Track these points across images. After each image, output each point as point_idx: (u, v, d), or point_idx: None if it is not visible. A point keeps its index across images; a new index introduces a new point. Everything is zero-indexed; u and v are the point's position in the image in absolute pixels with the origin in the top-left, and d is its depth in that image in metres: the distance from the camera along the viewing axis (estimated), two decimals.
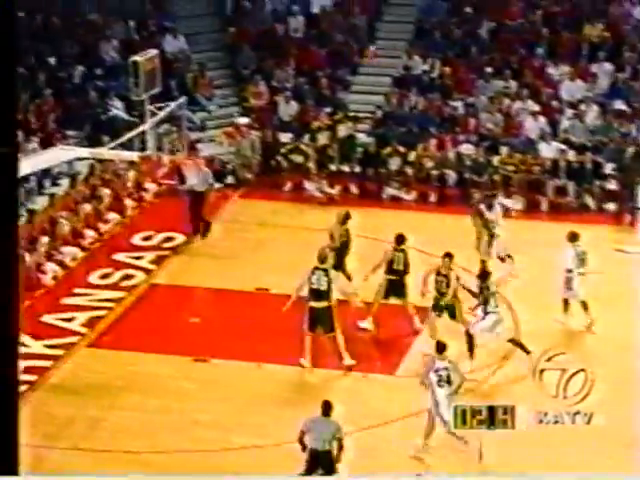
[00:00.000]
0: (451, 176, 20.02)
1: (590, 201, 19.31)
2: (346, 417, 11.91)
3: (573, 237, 15.21)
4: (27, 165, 17.42)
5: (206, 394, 13.74)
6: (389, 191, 20.01)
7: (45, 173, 19.43)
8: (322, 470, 11.23)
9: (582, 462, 11.97)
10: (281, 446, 12.39)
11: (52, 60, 22.14)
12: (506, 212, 18.90)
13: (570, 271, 15.04)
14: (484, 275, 14.22)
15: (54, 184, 19.65)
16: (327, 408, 11.36)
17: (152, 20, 23.24)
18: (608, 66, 21.58)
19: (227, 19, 23.83)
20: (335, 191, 20.00)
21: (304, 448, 11.29)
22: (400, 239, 15.09)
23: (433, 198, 19.74)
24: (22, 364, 13.59)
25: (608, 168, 19.63)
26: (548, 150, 20.11)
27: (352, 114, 20.94)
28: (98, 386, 13.86)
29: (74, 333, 15.15)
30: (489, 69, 21.99)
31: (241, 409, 13.42)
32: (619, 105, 20.81)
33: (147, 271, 17.11)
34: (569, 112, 20.87)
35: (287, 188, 20.31)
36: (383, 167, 20.08)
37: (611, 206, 19.25)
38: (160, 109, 20.27)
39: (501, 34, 22.62)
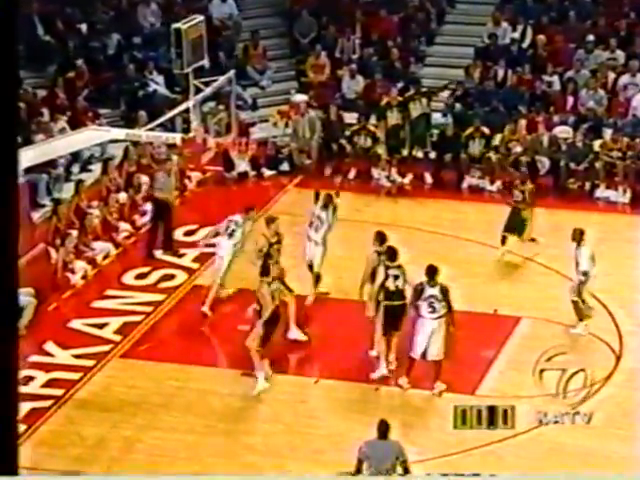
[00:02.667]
0: (544, 163, 19.93)
1: None
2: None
3: (581, 236, 15.24)
4: (54, 148, 17.74)
5: (256, 413, 13.92)
6: (469, 180, 20.00)
7: (74, 157, 19.78)
8: None
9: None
10: (343, 475, 12.54)
11: (83, 27, 22.51)
12: (610, 206, 18.90)
13: (585, 274, 15.20)
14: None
15: (84, 170, 20.00)
16: (384, 429, 11.44)
17: None
18: None
19: None
20: (407, 180, 20.06)
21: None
22: (382, 238, 14.79)
23: None
24: (47, 376, 14.27)
25: None
26: None
27: (426, 90, 20.92)
28: (133, 403, 14.10)
29: (106, 341, 15.43)
30: (591, 37, 21.87)
31: (296, 431, 13.57)
32: None
33: (189, 271, 17.34)
34: None
35: (351, 176, 20.41)
36: (463, 152, 20.07)
37: None
38: (206, 84, 20.46)
39: None
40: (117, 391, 14.41)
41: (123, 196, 18.61)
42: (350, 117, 21.21)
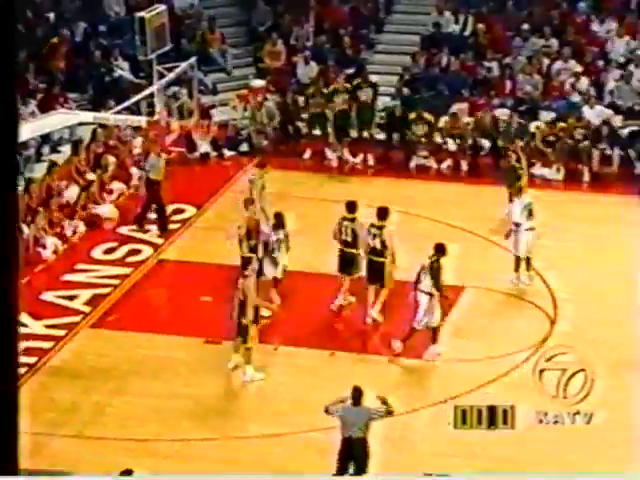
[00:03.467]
0: (486, 144, 19.97)
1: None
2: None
3: (520, 191, 15.78)
4: (25, 130, 17.55)
5: (220, 379, 13.89)
6: (417, 160, 20.02)
7: (44, 139, 19.56)
8: (356, 459, 11.37)
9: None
10: (302, 435, 12.58)
11: (51, 16, 22.21)
12: (545, 183, 19.09)
13: (517, 225, 15.48)
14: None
15: (54, 151, 19.79)
16: (358, 396, 11.41)
17: None
18: None
19: None
20: (358, 160, 20.06)
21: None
22: (351, 207, 15.06)
23: (465, 167, 19.76)
24: (21, 345, 14.12)
25: None
26: (592, 115, 20.06)
27: (373, 80, 20.82)
28: (103, 370, 14.02)
29: (76, 312, 15.32)
30: (527, 26, 21.92)
31: (258, 395, 13.58)
32: None
33: (155, 246, 17.25)
34: (616, 73, 20.81)
35: (307, 156, 20.36)
36: (410, 134, 20.04)
37: None
38: (169, 70, 20.30)
39: None
40: (88, 359, 14.31)
41: (92, 176, 18.44)
42: (302, 99, 21.15)
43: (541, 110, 20.64)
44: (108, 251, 16.98)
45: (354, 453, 11.34)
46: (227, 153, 20.49)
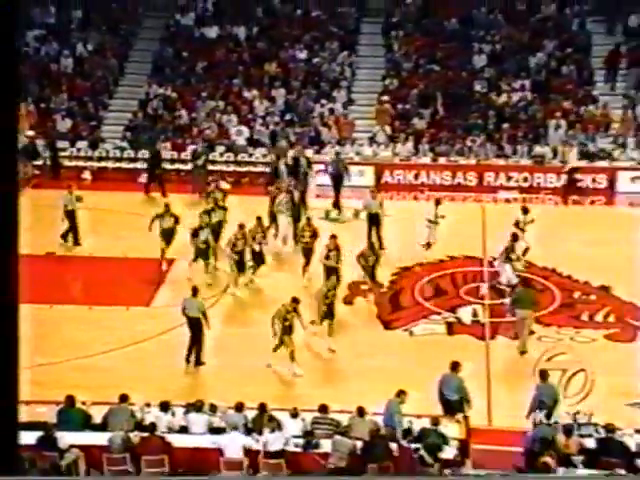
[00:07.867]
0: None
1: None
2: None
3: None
4: None
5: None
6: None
7: None
8: (194, 330, 11.89)
9: None
10: (71, 362, 12.29)
11: None
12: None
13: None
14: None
15: None
16: (194, 292, 12.19)
17: None
18: (282, 90, 22.83)
19: None
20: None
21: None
22: None
23: None
24: None
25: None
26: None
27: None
28: None
29: None
30: (205, 93, 22.45)
31: (42, 336, 12.89)
32: (290, 117, 22.18)
33: None
34: (260, 122, 21.87)
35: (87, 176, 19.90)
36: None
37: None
38: None
39: (212, 69, 23.09)
40: None
41: None
42: (62, 144, 20.69)
43: (217, 146, 21.28)
44: None
45: (194, 328, 11.98)
46: None
